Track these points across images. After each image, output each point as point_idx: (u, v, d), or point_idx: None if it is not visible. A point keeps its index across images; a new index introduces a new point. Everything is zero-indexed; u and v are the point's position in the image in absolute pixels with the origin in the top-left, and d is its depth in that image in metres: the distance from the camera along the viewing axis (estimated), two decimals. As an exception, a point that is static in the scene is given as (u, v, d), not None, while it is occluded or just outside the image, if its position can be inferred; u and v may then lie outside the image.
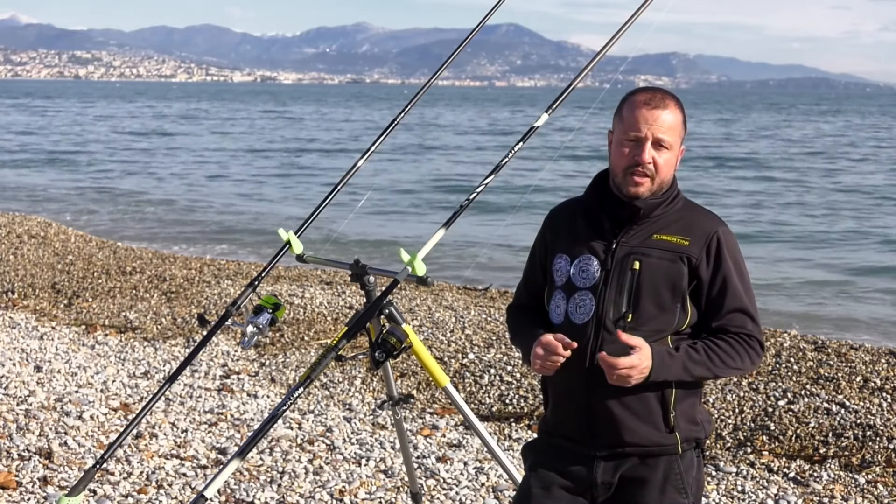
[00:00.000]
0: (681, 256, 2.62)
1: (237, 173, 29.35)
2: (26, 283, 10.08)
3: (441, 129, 53.74)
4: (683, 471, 2.69)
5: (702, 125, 58.64)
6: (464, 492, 5.04)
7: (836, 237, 18.10)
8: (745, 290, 2.66)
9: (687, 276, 2.62)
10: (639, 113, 2.63)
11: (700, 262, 2.62)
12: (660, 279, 2.61)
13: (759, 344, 2.66)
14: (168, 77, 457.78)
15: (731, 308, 2.63)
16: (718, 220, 2.71)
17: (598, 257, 2.67)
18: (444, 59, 3.95)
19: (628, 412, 2.64)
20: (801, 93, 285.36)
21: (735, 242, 2.69)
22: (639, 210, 2.65)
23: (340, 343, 3.13)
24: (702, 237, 2.64)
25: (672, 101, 2.68)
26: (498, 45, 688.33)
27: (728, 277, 2.63)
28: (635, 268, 2.62)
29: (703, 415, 2.77)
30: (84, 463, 5.24)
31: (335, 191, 3.84)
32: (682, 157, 2.74)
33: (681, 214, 2.69)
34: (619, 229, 2.68)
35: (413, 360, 7.04)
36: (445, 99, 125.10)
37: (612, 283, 2.64)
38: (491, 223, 18.90)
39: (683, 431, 2.68)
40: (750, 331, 2.64)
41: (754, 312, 2.67)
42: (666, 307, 2.62)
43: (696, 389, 2.73)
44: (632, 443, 2.66)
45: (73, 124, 53.99)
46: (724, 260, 2.63)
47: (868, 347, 7.82)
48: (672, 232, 2.64)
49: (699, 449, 2.76)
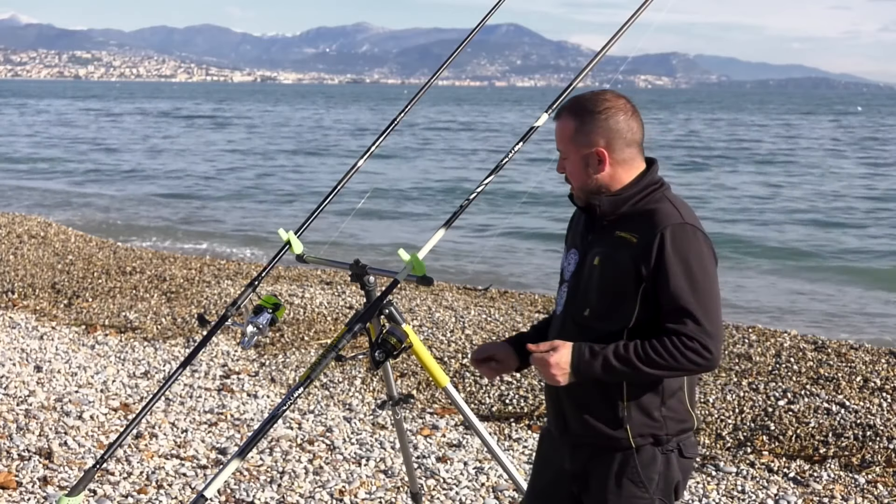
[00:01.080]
0: (630, 253, 2.64)
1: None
2: (26, 283, 10.08)
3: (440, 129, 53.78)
4: (641, 465, 2.71)
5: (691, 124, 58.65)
6: (464, 492, 5.04)
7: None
8: (693, 289, 2.59)
9: (633, 273, 2.63)
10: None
11: (643, 260, 2.62)
12: (611, 276, 2.67)
13: (699, 345, 2.57)
14: (168, 77, 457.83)
15: (671, 306, 2.60)
16: (675, 216, 2.65)
17: (578, 251, 2.81)
18: (444, 59, 3.95)
19: (584, 406, 2.73)
20: (800, 93, 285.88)
21: (689, 239, 2.63)
22: (595, 208, 2.73)
23: (340, 343, 3.13)
24: (649, 234, 2.63)
25: (564, 115, 2.76)
26: (498, 45, 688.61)
27: (669, 273, 2.59)
28: (595, 264, 2.70)
29: (669, 412, 2.72)
30: (84, 463, 5.24)
31: (335, 191, 3.84)
32: (602, 160, 2.71)
33: (644, 212, 2.69)
34: (593, 226, 2.79)
35: (413, 360, 7.04)
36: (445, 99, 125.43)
37: (580, 277, 2.76)
38: (493, 222, 18.94)
39: (637, 427, 2.69)
40: (689, 332, 2.57)
41: (700, 312, 2.58)
42: (618, 303, 2.66)
43: (659, 386, 2.70)
44: (586, 435, 2.75)
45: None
46: (667, 256, 2.59)
47: (868, 347, 7.82)
48: (628, 229, 2.67)
49: (662, 446, 2.73)
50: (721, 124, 63.20)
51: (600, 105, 2.71)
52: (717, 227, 18.25)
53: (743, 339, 7.94)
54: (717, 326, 2.60)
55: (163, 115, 67.66)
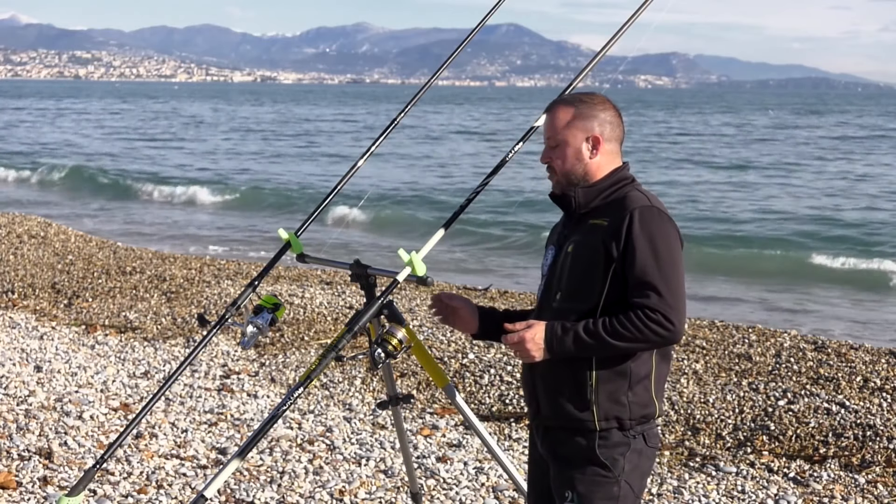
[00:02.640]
0: (597, 236, 2.82)
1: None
2: (26, 283, 10.08)
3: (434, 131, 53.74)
4: (605, 447, 2.83)
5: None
6: (464, 492, 5.04)
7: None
8: (658, 265, 2.75)
9: (603, 254, 2.79)
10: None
11: (613, 240, 2.79)
12: (581, 259, 2.84)
13: (662, 317, 2.71)
14: (168, 77, 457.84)
15: (636, 281, 2.76)
16: (643, 200, 2.83)
17: (555, 246, 2.99)
18: (444, 59, 3.95)
19: (552, 389, 2.87)
20: (800, 93, 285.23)
21: (655, 219, 2.79)
22: (570, 201, 2.90)
23: (340, 343, 3.13)
24: (618, 217, 2.81)
25: (560, 104, 2.95)
26: (498, 45, 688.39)
27: (636, 251, 2.75)
28: (569, 251, 2.89)
29: (634, 397, 2.83)
30: (84, 463, 5.24)
31: (335, 191, 3.84)
32: (596, 146, 2.89)
33: (612, 200, 2.87)
34: (569, 221, 2.96)
35: (413, 360, 7.04)
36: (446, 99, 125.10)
37: (555, 268, 2.93)
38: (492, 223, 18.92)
39: (603, 410, 2.82)
40: (652, 304, 2.72)
41: (663, 286, 2.73)
42: (586, 284, 2.83)
43: (626, 371, 2.82)
44: (555, 417, 2.88)
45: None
46: (634, 235, 2.76)
47: (868, 347, 7.82)
48: (598, 216, 2.86)
49: (627, 431, 2.83)
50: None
51: (595, 98, 2.94)
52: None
53: (743, 339, 7.94)
54: (679, 300, 2.75)
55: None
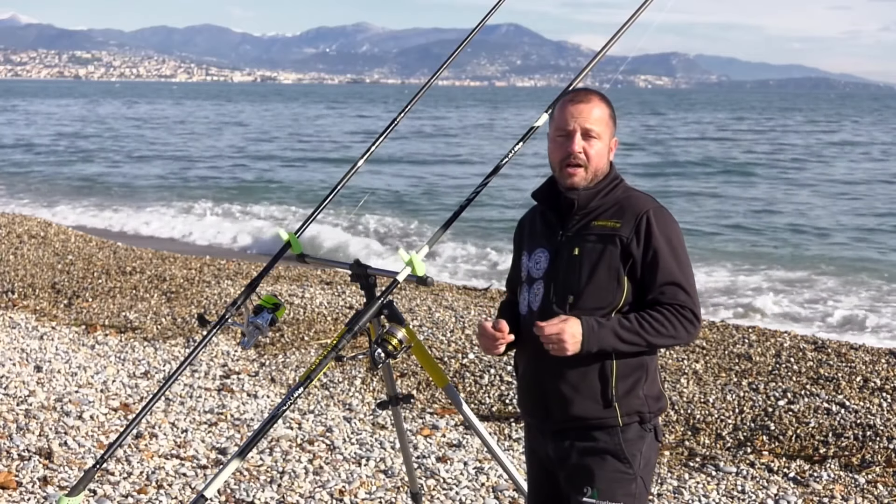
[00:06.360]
0: (613, 238, 2.80)
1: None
2: (26, 283, 10.08)
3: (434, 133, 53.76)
4: (626, 442, 2.83)
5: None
6: (464, 492, 5.04)
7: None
8: (679, 265, 2.79)
9: (620, 256, 2.79)
10: (566, 109, 2.87)
11: (631, 241, 2.79)
12: (596, 261, 2.80)
13: (692, 314, 2.78)
14: (168, 77, 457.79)
15: (663, 281, 2.78)
16: (652, 201, 2.87)
17: (548, 249, 2.90)
18: (444, 59, 3.95)
19: (571, 388, 2.82)
20: (799, 93, 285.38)
21: (668, 221, 2.83)
22: (573, 201, 2.85)
23: (340, 343, 3.13)
24: (632, 218, 2.81)
25: (596, 97, 2.89)
26: (498, 45, 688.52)
27: (658, 253, 2.78)
28: (575, 254, 2.83)
29: (650, 391, 2.86)
30: (84, 463, 5.24)
31: (335, 191, 3.84)
32: (616, 148, 2.94)
33: (617, 200, 2.87)
34: (564, 221, 2.89)
35: (413, 360, 7.04)
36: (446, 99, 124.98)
37: (558, 270, 2.85)
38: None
39: (624, 406, 2.83)
40: (682, 301, 2.77)
41: (687, 285, 2.79)
42: (603, 286, 2.80)
43: (642, 365, 2.84)
44: (574, 417, 2.84)
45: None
46: (654, 237, 2.79)
47: (868, 347, 7.82)
48: (607, 217, 2.84)
49: (646, 424, 2.86)
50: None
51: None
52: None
53: (743, 339, 7.94)
54: (697, 298, 2.84)
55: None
